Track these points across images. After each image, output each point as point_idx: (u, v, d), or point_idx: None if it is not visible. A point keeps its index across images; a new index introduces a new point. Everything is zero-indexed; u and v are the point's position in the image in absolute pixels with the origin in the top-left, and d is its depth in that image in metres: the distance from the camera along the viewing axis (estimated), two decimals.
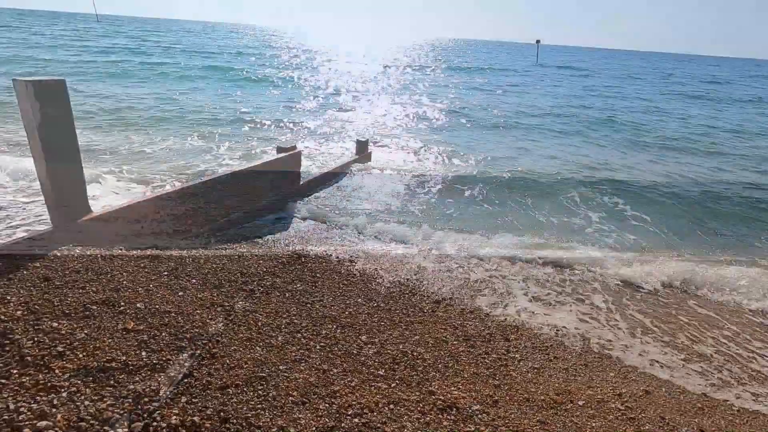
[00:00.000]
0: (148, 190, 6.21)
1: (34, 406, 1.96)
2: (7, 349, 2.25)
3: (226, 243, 4.67)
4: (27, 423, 1.88)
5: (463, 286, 4.47)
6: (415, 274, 4.55)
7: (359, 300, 3.74)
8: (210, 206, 4.82)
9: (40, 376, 2.13)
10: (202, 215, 4.75)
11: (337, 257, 4.68)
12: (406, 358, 2.91)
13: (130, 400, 2.09)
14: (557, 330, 3.85)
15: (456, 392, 2.62)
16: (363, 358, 2.82)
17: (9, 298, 2.61)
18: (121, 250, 3.66)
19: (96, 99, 13.23)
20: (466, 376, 2.87)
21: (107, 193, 6.11)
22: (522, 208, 6.99)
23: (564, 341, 3.69)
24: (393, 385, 2.60)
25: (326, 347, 2.86)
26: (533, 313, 4.11)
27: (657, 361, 3.58)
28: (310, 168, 7.99)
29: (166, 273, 3.44)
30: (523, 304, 4.24)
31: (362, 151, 8.76)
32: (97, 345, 2.39)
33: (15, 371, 2.14)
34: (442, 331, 3.44)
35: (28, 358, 2.21)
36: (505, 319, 3.91)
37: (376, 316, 3.51)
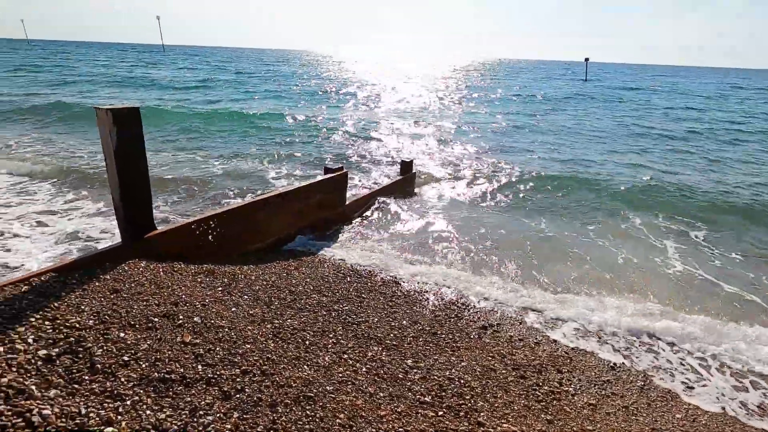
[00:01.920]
0: (208, 209, 6.55)
1: (102, 412, 2.09)
2: (80, 356, 2.42)
3: (275, 260, 4.82)
4: (95, 428, 2.00)
5: (509, 311, 4.33)
6: (460, 298, 4.46)
7: (404, 322, 3.71)
8: (260, 224, 5.01)
9: (108, 383, 2.27)
10: (253, 233, 4.94)
11: (382, 278, 4.69)
12: (453, 386, 2.84)
13: (187, 412, 2.18)
14: (614, 363, 3.61)
15: (506, 425, 2.51)
16: (409, 383, 2.77)
17: (83, 307, 2.81)
18: (180, 265, 3.86)
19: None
20: (516, 408, 2.75)
21: (170, 210, 6.53)
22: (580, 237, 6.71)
23: (622, 376, 3.45)
24: (440, 413, 2.54)
25: (372, 370, 2.85)
26: (587, 344, 3.89)
27: (739, 402, 3.26)
28: (355, 187, 8.14)
29: (220, 288, 3.59)
30: (574, 334, 4.03)
31: (407, 171, 8.82)
32: (158, 356, 2.52)
33: (86, 377, 2.29)
34: (490, 359, 3.33)
35: (98, 365, 2.36)
36: (557, 349, 3.72)
37: (421, 339, 3.46)
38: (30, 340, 2.44)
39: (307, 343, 3.02)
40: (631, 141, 14.24)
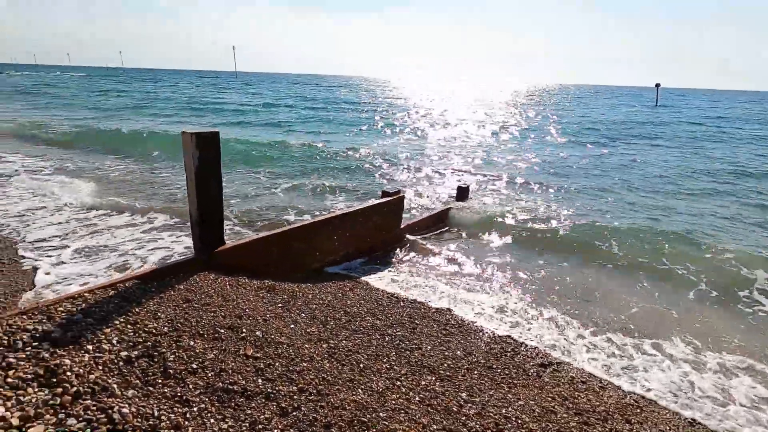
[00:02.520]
0: (270, 228, 6.88)
1: (172, 416, 2.22)
2: (155, 360, 2.60)
3: (332, 280, 4.93)
4: (165, 431, 2.13)
5: (570, 350, 4.08)
6: (517, 332, 4.28)
7: (458, 353, 3.62)
8: (319, 244, 5.17)
9: (178, 389, 2.42)
10: (312, 252, 5.11)
11: (436, 305, 4.63)
12: (510, 425, 2.71)
13: (247, 425, 2.26)
14: (692, 419, 3.26)
15: None
16: (464, 418, 2.68)
17: (159, 314, 3.04)
18: (245, 279, 4.07)
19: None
20: None
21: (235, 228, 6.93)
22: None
23: None
24: None
25: (425, 400, 2.80)
26: (660, 394, 3.56)
27: None
28: (412, 211, 8.19)
29: (280, 305, 3.73)
30: (648, 384, 3.70)
31: (463, 197, 8.75)
32: (223, 367, 2.65)
33: (159, 381, 2.46)
34: (550, 400, 3.14)
35: (170, 370, 2.53)
36: (625, 396, 3.44)
37: (476, 372, 3.35)
38: (114, 342, 2.67)
39: (361, 366, 3.04)
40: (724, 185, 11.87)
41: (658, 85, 52.50)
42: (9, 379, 2.18)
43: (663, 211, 9.12)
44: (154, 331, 2.85)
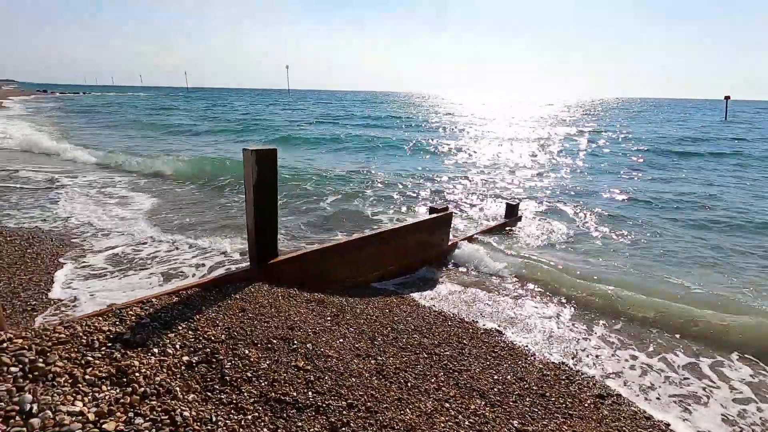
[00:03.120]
0: (321, 242, 7.05)
1: (228, 422, 2.30)
2: (213, 366, 2.72)
3: (379, 295, 4.95)
4: None
5: (634, 380, 3.81)
6: (572, 358, 4.07)
7: (509, 377, 3.49)
8: (367, 259, 5.22)
9: (234, 395, 2.51)
10: (360, 267, 5.17)
11: (484, 325, 4.52)
12: None
13: None
14: None
15: None
16: None
17: (217, 322, 3.19)
18: (295, 291, 4.19)
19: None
20: None
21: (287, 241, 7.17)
22: None
23: None
24: None
25: (475, 425, 2.71)
26: None
27: None
28: (459, 228, 8.09)
29: (329, 318, 3.79)
30: (719, 425, 3.38)
31: (512, 214, 8.54)
32: (275, 377, 2.72)
33: (217, 387, 2.57)
34: None
35: (227, 377, 2.64)
36: None
37: (528, 399, 3.21)
38: (177, 346, 2.82)
39: (409, 385, 3.01)
40: None
41: (727, 98, 48.85)
42: (87, 376, 2.36)
43: None
44: (212, 338, 2.99)
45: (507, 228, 8.15)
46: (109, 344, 2.70)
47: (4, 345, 2.45)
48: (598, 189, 12.00)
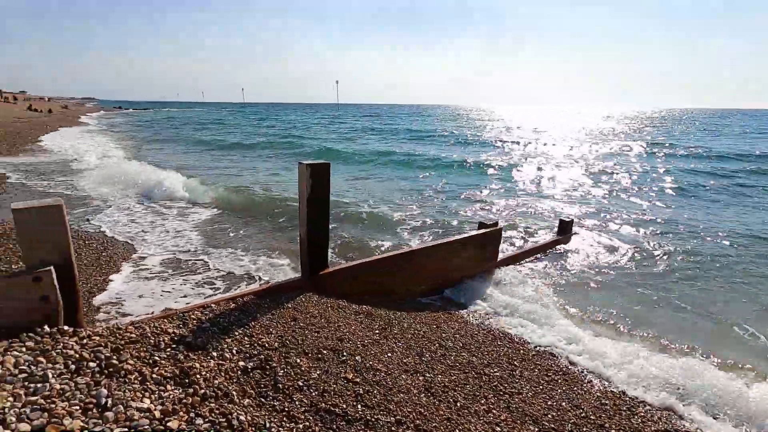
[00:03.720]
0: (368, 255, 7.14)
1: (281, 430, 2.36)
2: (267, 373, 2.81)
3: (426, 310, 4.91)
4: None
5: (703, 421, 3.49)
6: (632, 387, 3.80)
7: (563, 404, 3.32)
8: (415, 273, 5.21)
9: (286, 403, 2.57)
10: (407, 281, 5.16)
11: (536, 347, 4.34)
12: None
13: None
14: None
15: None
16: None
17: (271, 330, 3.30)
18: (344, 302, 4.25)
19: None
20: None
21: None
22: None
23: None
24: None
25: None
26: None
27: None
28: (509, 243, 7.88)
29: (377, 331, 3.81)
30: None
31: (565, 232, 8.19)
32: (326, 388, 2.76)
33: (270, 393, 2.65)
34: None
35: (280, 385, 2.71)
36: None
37: (585, 429, 3.03)
38: (234, 351, 2.95)
39: (458, 404, 2.94)
40: None
41: None
42: (154, 375, 2.52)
43: None
44: (266, 345, 3.09)
45: (558, 246, 7.83)
46: (174, 346, 2.87)
47: (84, 341, 2.67)
48: (672, 216, 10.56)
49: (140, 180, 11.74)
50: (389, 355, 3.40)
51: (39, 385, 2.22)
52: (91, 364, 2.46)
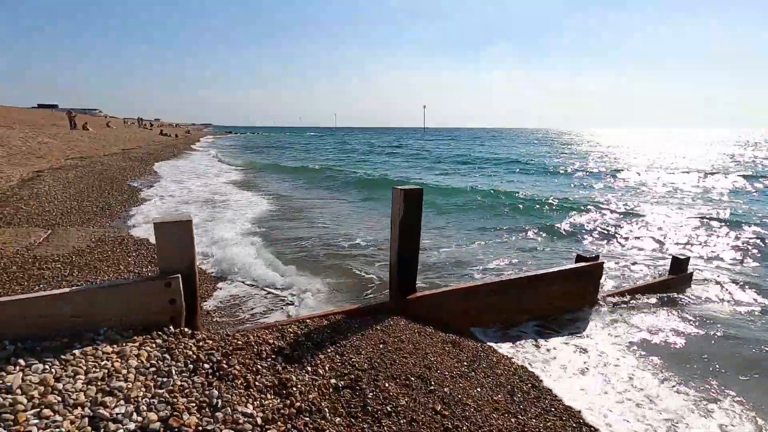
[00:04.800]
0: (455, 282, 7.01)
1: None
2: (357, 393, 2.86)
3: (516, 344, 4.64)
4: None
5: None
6: None
7: None
8: (505, 305, 4.97)
9: (375, 427, 2.58)
10: (497, 311, 4.94)
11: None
12: None
13: None
14: None
15: None
16: None
17: (360, 351, 3.37)
18: (430, 329, 4.19)
19: None
20: None
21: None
22: None
23: None
24: None
25: None
26: None
27: None
28: (610, 279, 7.19)
29: (466, 363, 3.68)
30: None
31: (678, 271, 7.24)
32: (414, 416, 2.72)
33: (359, 415, 2.67)
34: None
35: (369, 407, 2.73)
36: None
37: None
38: (327, 368, 3.05)
39: None
40: None
41: None
42: (257, 383, 2.71)
43: None
44: (356, 365, 3.15)
45: (669, 288, 6.93)
46: (273, 356, 3.06)
47: (200, 344, 2.97)
48: None
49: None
50: (478, 390, 3.26)
51: (164, 379, 2.50)
52: (206, 366, 2.72)
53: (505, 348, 4.43)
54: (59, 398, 2.19)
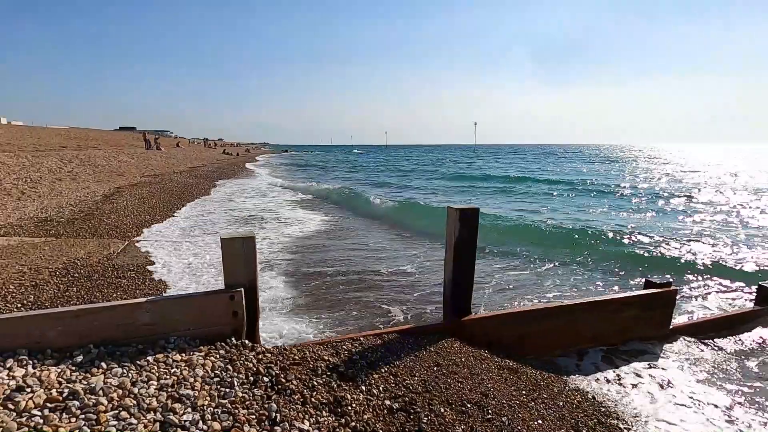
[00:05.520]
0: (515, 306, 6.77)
1: None
2: (411, 417, 2.80)
3: (579, 374, 4.36)
4: None
5: None
6: None
7: None
8: (566, 331, 4.70)
9: None
10: (557, 337, 4.68)
11: None
12: None
13: None
14: None
15: None
16: None
17: (414, 372, 3.31)
18: (486, 354, 4.04)
19: None
20: None
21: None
22: None
23: None
24: None
25: None
26: None
27: None
28: (682, 309, 6.59)
29: (524, 392, 3.50)
30: None
31: (766, 302, 6.49)
32: None
33: None
34: None
35: None
36: None
37: None
38: (381, 389, 3.02)
39: None
40: None
41: None
42: (312, 399, 2.73)
43: None
44: (410, 387, 3.10)
45: (756, 319, 6.21)
46: (328, 373, 3.08)
47: (260, 357, 3.06)
48: None
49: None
50: (540, 422, 3.07)
51: (227, 390, 2.60)
52: (265, 379, 2.80)
53: (568, 378, 4.16)
54: (134, 402, 2.33)
